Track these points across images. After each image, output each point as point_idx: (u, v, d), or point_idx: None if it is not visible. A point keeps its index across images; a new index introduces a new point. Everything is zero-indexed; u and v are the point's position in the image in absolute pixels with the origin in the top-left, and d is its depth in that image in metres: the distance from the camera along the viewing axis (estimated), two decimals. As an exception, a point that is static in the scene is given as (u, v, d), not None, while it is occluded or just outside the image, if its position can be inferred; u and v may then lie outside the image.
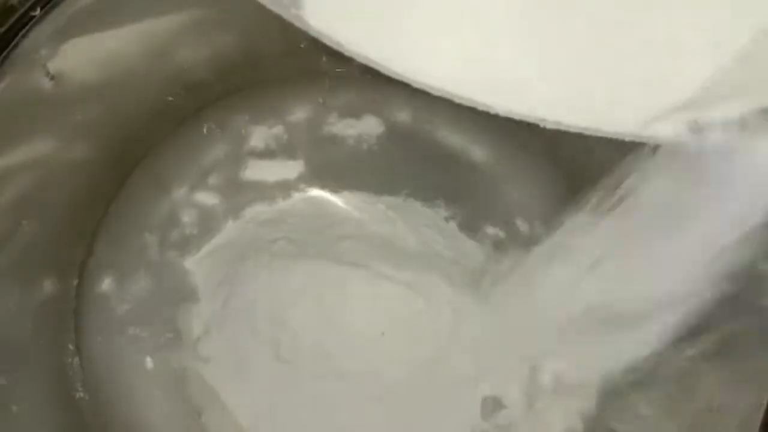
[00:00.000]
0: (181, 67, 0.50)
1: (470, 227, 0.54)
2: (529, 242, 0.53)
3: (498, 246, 0.53)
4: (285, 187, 0.54)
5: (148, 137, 0.53)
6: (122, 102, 0.48)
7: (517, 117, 0.27)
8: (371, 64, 0.27)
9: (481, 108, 0.27)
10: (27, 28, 0.39)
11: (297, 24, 0.26)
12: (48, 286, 0.49)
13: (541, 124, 0.27)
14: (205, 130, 0.54)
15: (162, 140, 0.53)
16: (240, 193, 0.54)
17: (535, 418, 0.48)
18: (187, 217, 0.53)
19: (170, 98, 0.51)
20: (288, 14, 0.26)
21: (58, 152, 0.46)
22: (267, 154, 0.54)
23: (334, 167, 0.54)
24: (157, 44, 0.47)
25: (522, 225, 0.54)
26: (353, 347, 0.49)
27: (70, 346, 0.50)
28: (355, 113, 0.55)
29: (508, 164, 0.55)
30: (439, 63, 0.27)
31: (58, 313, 0.50)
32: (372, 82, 0.53)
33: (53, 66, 0.42)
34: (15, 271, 0.46)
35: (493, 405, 0.49)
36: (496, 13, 0.26)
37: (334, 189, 0.54)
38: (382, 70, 0.27)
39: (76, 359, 0.50)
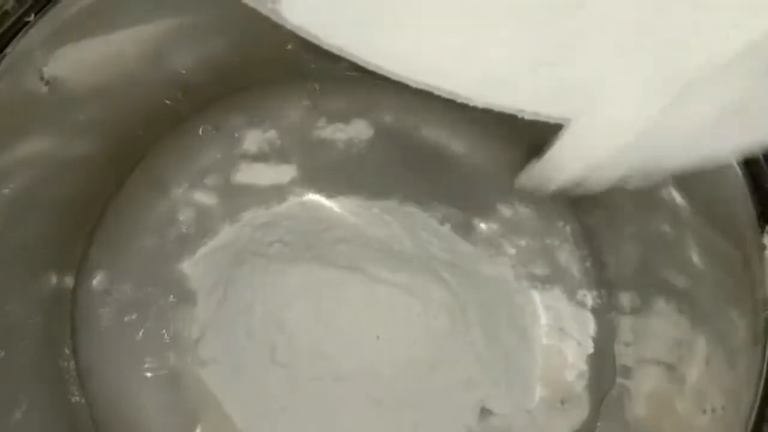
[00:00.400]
0: (175, 71, 0.50)
1: (465, 229, 0.54)
2: (522, 237, 0.53)
3: (493, 244, 0.53)
4: (279, 191, 0.54)
5: (143, 140, 0.53)
6: (117, 106, 0.48)
7: (496, 109, 0.27)
8: (350, 58, 0.27)
9: (459, 101, 0.27)
10: (21, 33, 0.39)
11: (274, 18, 0.27)
12: (43, 288, 0.49)
13: (519, 115, 0.27)
14: (201, 131, 0.54)
15: (157, 144, 0.54)
16: (236, 197, 0.54)
17: (531, 423, 0.49)
18: (184, 221, 0.53)
19: (167, 101, 0.52)
20: (265, 9, 0.27)
21: (53, 156, 0.46)
22: (260, 157, 0.54)
23: (327, 171, 0.54)
24: (151, 48, 0.46)
25: (515, 221, 0.54)
26: (349, 350, 0.49)
27: (66, 350, 0.50)
28: (344, 117, 0.55)
29: (500, 165, 0.55)
30: (418, 56, 0.27)
31: (54, 316, 0.50)
32: (361, 85, 0.53)
33: (48, 71, 0.42)
34: (10, 274, 0.46)
35: (488, 409, 0.49)
36: (480, 8, 0.26)
37: (329, 193, 0.54)
38: (361, 63, 0.27)
39: (72, 363, 0.50)
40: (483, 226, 0.54)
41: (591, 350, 0.51)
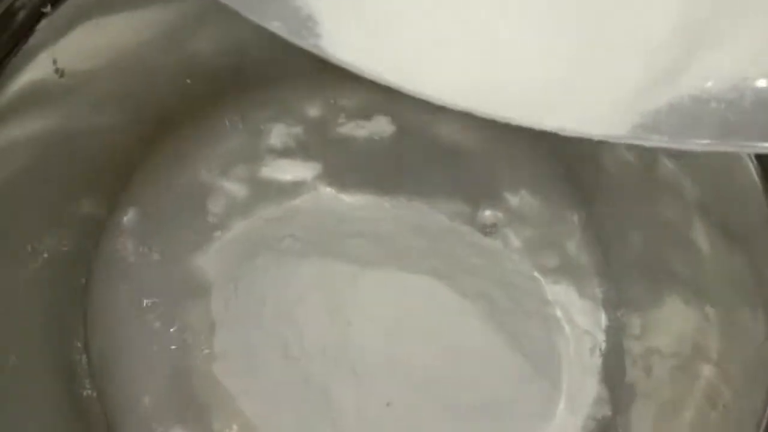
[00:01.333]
0: (196, 58, 0.49)
1: (474, 223, 0.54)
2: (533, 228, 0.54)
3: (503, 237, 0.54)
4: (296, 186, 0.53)
5: (160, 134, 0.53)
6: (136, 98, 0.48)
7: (528, 126, 0.28)
8: (394, 87, 0.27)
9: (501, 121, 0.27)
10: (38, 24, 0.39)
11: (317, 53, 0.27)
12: (56, 286, 0.49)
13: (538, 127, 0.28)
14: (227, 121, 0.54)
15: (182, 129, 0.53)
16: (251, 191, 0.53)
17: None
18: (198, 215, 0.53)
19: (188, 89, 0.51)
20: (307, 44, 0.27)
21: (66, 147, 0.46)
22: (285, 153, 0.54)
23: (346, 168, 0.54)
24: (173, 36, 0.46)
25: (525, 213, 0.54)
26: (360, 345, 0.49)
27: (78, 344, 0.50)
28: (366, 114, 0.55)
29: (521, 164, 0.55)
30: (459, 82, 0.27)
31: (66, 310, 0.50)
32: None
33: (63, 61, 0.42)
34: (26, 264, 0.46)
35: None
36: (506, 26, 0.26)
37: (342, 188, 0.54)
38: (406, 92, 0.27)
39: (84, 356, 0.50)
40: (492, 218, 0.54)
41: (602, 343, 0.51)
